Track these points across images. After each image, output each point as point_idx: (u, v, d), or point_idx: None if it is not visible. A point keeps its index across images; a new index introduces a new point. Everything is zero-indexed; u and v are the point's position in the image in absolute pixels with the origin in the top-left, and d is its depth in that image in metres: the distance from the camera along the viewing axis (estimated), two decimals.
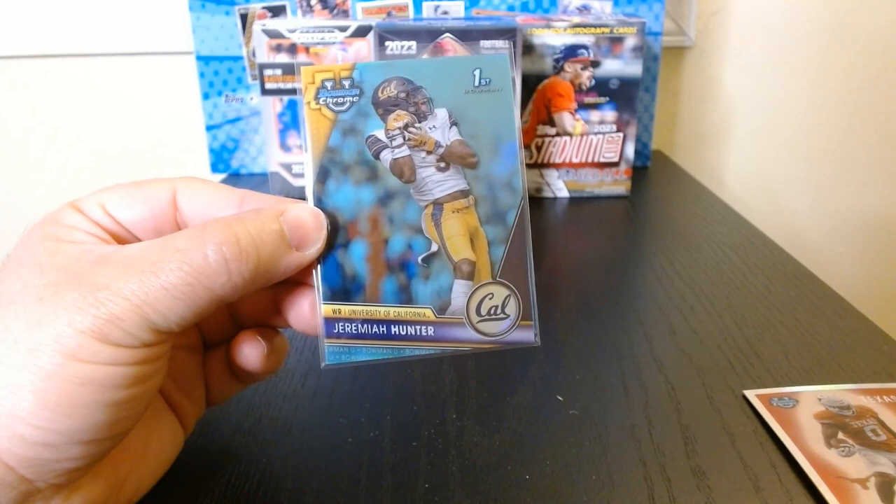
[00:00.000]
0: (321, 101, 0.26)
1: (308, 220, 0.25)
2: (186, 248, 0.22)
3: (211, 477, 0.31)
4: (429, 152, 0.27)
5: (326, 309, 0.26)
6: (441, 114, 0.27)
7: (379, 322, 0.26)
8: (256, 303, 0.29)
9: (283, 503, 0.29)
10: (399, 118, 0.27)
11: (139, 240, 0.26)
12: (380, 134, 0.26)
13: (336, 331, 0.26)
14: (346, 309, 0.26)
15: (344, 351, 0.26)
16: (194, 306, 0.22)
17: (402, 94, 0.26)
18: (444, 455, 0.32)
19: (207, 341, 0.30)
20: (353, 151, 0.26)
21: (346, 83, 0.26)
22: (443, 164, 0.27)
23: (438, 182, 0.27)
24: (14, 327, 0.21)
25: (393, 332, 0.26)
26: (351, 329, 0.26)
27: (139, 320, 0.22)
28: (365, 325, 0.26)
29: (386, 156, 0.26)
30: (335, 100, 0.26)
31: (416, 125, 0.27)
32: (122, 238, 0.25)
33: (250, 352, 0.27)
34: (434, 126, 0.27)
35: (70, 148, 0.90)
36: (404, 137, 0.27)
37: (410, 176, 0.26)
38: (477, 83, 0.27)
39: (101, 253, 0.23)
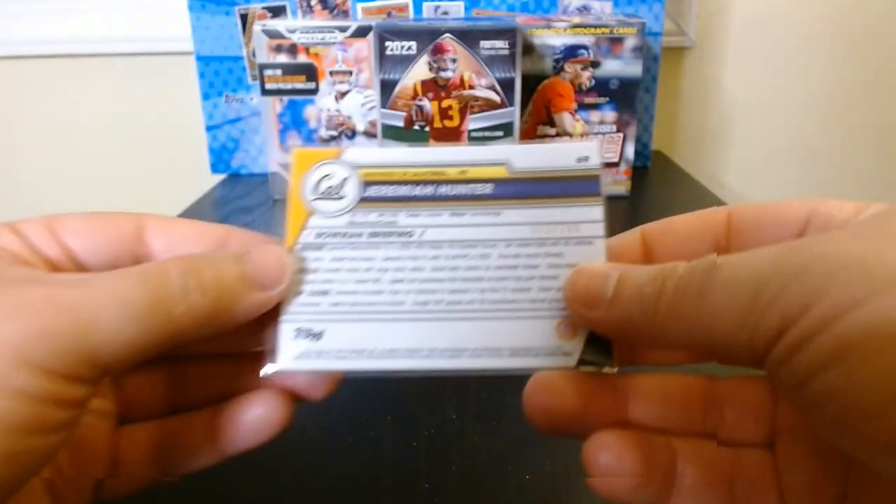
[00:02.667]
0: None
1: (271, 261, 0.23)
2: (149, 270, 0.20)
3: (210, 477, 0.31)
4: None
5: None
6: None
7: None
8: (206, 371, 0.25)
9: (283, 503, 0.29)
10: None
11: (88, 271, 0.23)
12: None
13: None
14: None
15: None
16: (148, 334, 0.19)
17: None
18: (444, 455, 0.32)
19: (127, 414, 0.25)
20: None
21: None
22: None
23: None
24: None
25: None
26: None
27: (76, 339, 0.18)
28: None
29: None
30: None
31: None
32: (65, 269, 0.22)
33: (264, 411, 0.23)
34: None
35: (70, 148, 0.90)
36: None
37: None
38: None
39: (33, 275, 0.20)
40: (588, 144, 0.25)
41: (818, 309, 0.16)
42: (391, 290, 0.23)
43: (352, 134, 0.70)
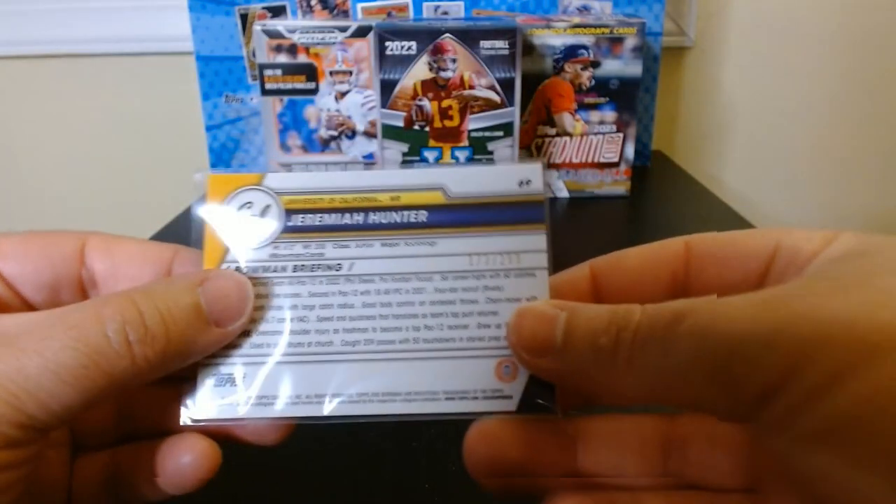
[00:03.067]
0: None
1: (231, 291, 0.21)
2: (82, 324, 0.18)
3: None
4: None
5: None
6: None
7: None
8: (153, 398, 0.23)
9: (282, 503, 0.29)
10: None
11: (24, 299, 0.22)
12: None
13: None
14: None
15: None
16: (87, 393, 0.18)
17: None
18: (444, 455, 0.32)
19: (79, 442, 0.24)
20: None
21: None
22: None
23: None
24: None
25: None
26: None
27: (9, 411, 0.17)
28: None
29: None
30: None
31: None
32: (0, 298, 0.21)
33: (197, 460, 0.21)
34: None
35: (70, 148, 0.90)
36: None
37: None
38: None
39: None
40: (531, 167, 0.23)
41: (806, 379, 0.15)
42: (318, 329, 0.22)
43: (352, 134, 0.70)
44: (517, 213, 0.23)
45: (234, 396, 0.21)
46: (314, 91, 0.68)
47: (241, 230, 0.22)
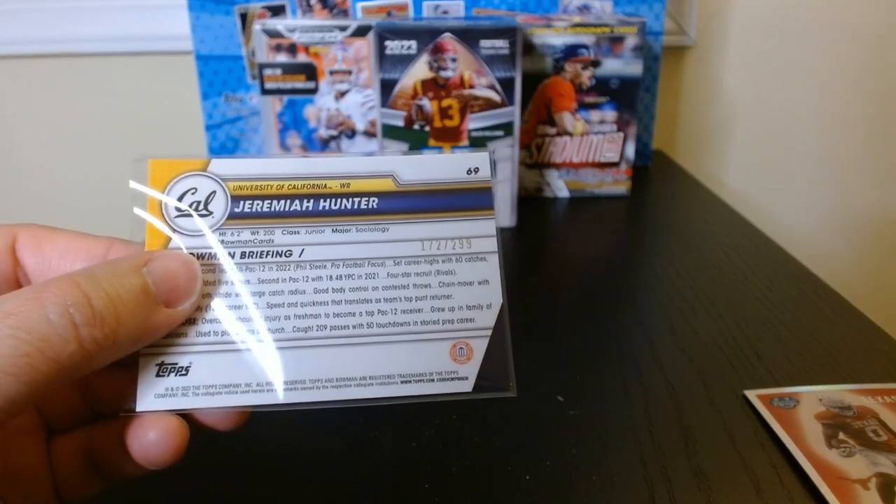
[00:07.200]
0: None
1: (179, 270, 0.20)
2: (20, 310, 0.17)
3: (209, 479, 0.31)
4: None
5: None
6: None
7: None
8: (115, 380, 0.22)
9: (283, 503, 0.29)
10: None
11: None
12: None
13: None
14: None
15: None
16: (33, 383, 0.17)
17: None
18: (444, 455, 0.32)
19: (51, 425, 0.23)
20: None
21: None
22: None
23: None
24: None
25: None
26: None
27: None
28: None
29: None
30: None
31: None
32: None
33: (162, 437, 0.20)
34: None
35: (70, 148, 0.90)
36: None
37: None
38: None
39: None
40: (478, 155, 0.23)
41: None
42: (268, 315, 0.21)
43: (352, 133, 0.70)
44: (467, 199, 0.23)
45: (178, 386, 0.21)
46: (314, 90, 0.68)
47: (183, 217, 0.22)
